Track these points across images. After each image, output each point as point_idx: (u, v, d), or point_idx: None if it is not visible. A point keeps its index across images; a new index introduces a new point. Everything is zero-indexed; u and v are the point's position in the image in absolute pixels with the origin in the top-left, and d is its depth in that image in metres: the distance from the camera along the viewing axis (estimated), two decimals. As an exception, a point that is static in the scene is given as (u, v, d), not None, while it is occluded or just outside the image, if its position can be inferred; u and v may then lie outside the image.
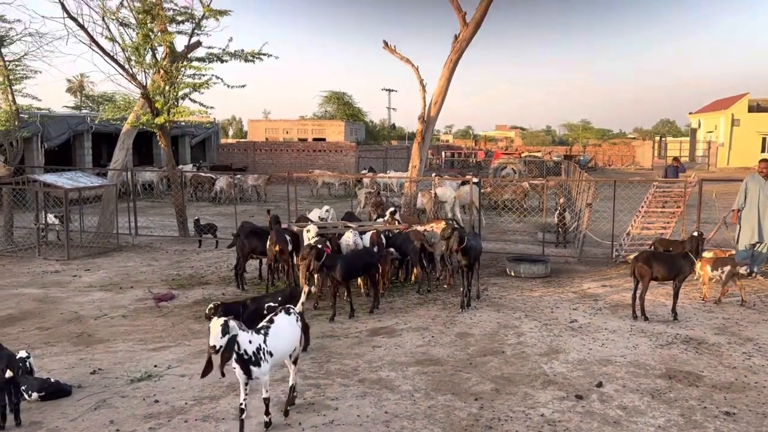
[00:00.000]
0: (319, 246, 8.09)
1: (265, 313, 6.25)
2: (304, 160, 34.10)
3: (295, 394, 5.40)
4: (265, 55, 14.48)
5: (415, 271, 9.81)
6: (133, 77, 13.49)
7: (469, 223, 12.84)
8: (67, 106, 51.51)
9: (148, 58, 13.68)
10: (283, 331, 5.07)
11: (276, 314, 5.23)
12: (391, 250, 9.52)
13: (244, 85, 15.18)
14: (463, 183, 15.98)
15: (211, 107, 14.57)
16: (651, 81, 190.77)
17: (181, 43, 14.21)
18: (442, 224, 9.30)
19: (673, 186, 12.49)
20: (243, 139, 55.02)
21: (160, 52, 13.87)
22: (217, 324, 4.47)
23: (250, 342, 4.67)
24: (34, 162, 21.35)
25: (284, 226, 10.05)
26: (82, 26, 12.74)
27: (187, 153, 33.39)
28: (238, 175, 23.06)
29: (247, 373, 4.68)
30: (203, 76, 14.02)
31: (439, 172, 24.78)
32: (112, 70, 13.47)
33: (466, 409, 5.40)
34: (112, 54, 13.19)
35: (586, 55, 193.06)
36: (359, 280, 9.36)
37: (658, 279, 8.18)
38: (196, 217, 14.25)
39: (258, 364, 4.68)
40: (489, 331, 7.57)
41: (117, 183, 15.15)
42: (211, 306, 6.21)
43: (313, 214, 12.01)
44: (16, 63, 14.32)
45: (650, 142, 52.51)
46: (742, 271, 8.83)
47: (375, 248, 9.22)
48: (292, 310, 5.36)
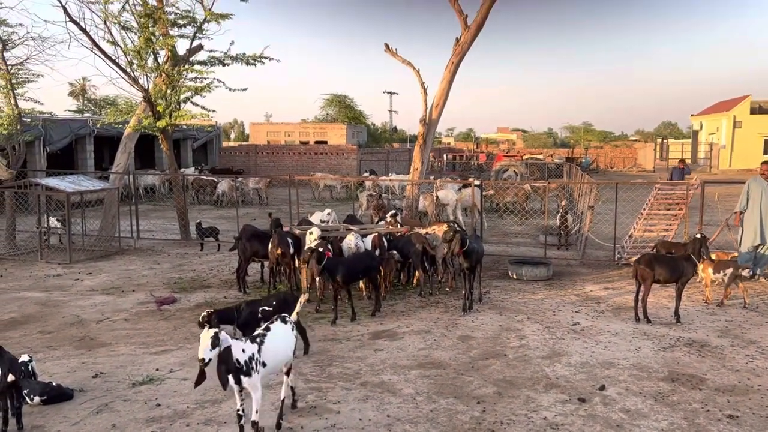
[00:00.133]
0: (320, 249, 8.09)
1: (260, 317, 6.22)
2: (306, 163, 34.10)
3: (295, 398, 5.40)
4: (266, 58, 14.49)
5: (416, 274, 9.81)
6: (134, 81, 13.51)
7: (471, 226, 12.85)
8: (69, 110, 51.56)
9: (150, 61, 13.70)
10: (278, 342, 4.99)
11: (272, 322, 5.15)
12: (394, 253, 9.53)
13: (245, 89, 15.01)
14: (465, 185, 15.98)
15: (213, 111, 14.55)
16: (653, 83, 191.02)
17: (182, 47, 14.25)
18: (444, 227, 9.27)
19: (675, 188, 12.47)
20: (245, 142, 55.01)
21: (162, 55, 13.89)
22: (207, 336, 4.40)
23: (243, 351, 4.62)
24: (37, 166, 21.38)
25: (286, 229, 10.06)
26: (84, 30, 12.77)
27: (189, 156, 33.42)
28: (240, 178, 23.08)
29: (238, 382, 4.62)
30: (205, 79, 14.03)
31: (440, 175, 24.75)
32: (114, 74, 13.56)
33: (469, 412, 5.39)
34: (113, 58, 13.21)
35: (588, 57, 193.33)
36: (361, 283, 9.36)
37: (661, 281, 8.18)
38: (198, 221, 14.28)
39: (249, 374, 4.60)
40: (491, 334, 7.57)
41: (119, 186, 15.16)
42: (204, 314, 5.92)
43: (315, 217, 12.01)
44: (19, 67, 14.34)
45: (652, 145, 52.50)
46: (745, 273, 8.82)
47: (377, 251, 9.22)
48: (288, 319, 5.28)
